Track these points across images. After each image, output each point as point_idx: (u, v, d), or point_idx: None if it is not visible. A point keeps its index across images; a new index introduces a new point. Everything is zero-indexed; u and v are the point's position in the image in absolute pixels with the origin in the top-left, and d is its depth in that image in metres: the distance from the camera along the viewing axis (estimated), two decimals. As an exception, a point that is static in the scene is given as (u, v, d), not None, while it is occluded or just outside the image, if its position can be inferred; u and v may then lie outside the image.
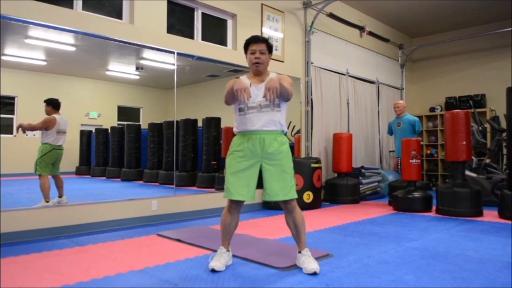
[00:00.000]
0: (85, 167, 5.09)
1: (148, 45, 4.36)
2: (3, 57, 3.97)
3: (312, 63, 6.26)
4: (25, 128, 3.99)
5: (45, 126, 3.98)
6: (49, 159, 3.98)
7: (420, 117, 8.31)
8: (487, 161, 5.96)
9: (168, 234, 3.55)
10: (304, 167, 5.24)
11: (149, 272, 2.45)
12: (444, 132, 5.34)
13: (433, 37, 8.93)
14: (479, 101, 8.08)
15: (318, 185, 5.37)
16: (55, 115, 4.03)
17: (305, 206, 5.12)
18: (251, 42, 2.55)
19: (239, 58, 5.24)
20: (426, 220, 4.39)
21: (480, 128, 6.42)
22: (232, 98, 2.44)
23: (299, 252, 2.53)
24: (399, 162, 6.07)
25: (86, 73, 5.00)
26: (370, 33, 7.60)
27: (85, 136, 5.03)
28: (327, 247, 3.09)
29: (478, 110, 7.53)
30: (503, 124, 6.53)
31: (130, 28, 4.22)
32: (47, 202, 3.81)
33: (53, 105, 4.06)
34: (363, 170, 6.54)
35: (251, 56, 2.54)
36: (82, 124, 4.93)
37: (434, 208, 5.13)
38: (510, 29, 7.10)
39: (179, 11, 4.97)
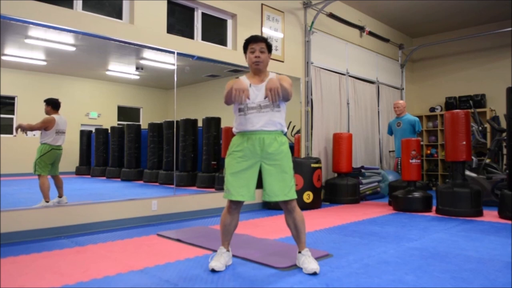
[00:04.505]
0: (85, 167, 5.09)
1: (148, 45, 4.36)
2: (3, 57, 3.97)
3: (312, 63, 6.26)
4: (24, 128, 3.99)
5: (44, 126, 3.98)
6: (48, 159, 3.98)
7: (420, 117, 8.31)
8: (487, 161, 5.96)
9: (168, 234, 3.55)
10: (304, 167, 5.24)
11: (149, 272, 2.45)
12: (444, 132, 5.34)
13: (433, 37, 8.93)
14: (479, 101, 8.08)
15: (318, 185, 5.37)
16: (54, 115, 4.03)
17: (305, 206, 5.12)
18: (250, 41, 2.55)
19: (239, 58, 5.24)
20: (426, 220, 4.39)
21: (480, 128, 6.42)
22: (231, 98, 2.44)
23: (299, 252, 2.53)
24: (399, 162, 6.07)
25: (86, 73, 5.00)
26: (370, 33, 7.60)
27: (85, 136, 5.03)
28: (327, 247, 3.09)
29: (478, 110, 7.53)
30: (503, 124, 6.53)
31: (130, 28, 4.22)
32: (47, 202, 3.81)
33: (53, 105, 4.06)
34: (363, 170, 6.54)
35: (250, 55, 2.54)
36: (82, 124, 4.93)
37: (434, 208, 5.13)
38: (510, 29, 7.10)
39: (179, 11, 4.97)
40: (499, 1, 6.99)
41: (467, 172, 5.55)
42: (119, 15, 4.30)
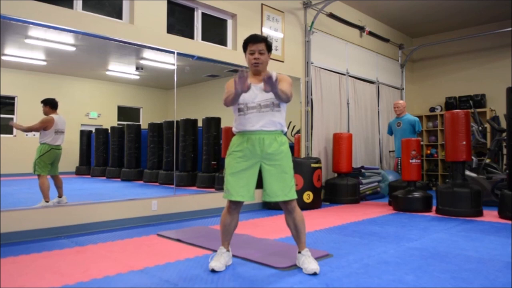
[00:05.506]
0: (85, 167, 5.09)
1: (148, 45, 4.36)
2: (3, 57, 3.97)
3: (312, 63, 6.26)
4: (17, 127, 4.01)
5: (43, 126, 3.98)
6: (48, 159, 3.98)
7: (420, 117, 8.31)
8: (487, 161, 5.96)
9: (168, 234, 3.55)
10: (304, 167, 5.24)
11: (149, 272, 2.45)
12: (444, 132, 5.34)
13: (433, 37, 8.93)
14: (479, 101, 8.08)
15: (318, 185, 5.37)
16: (53, 115, 4.03)
17: (305, 206, 5.12)
18: (249, 42, 2.54)
19: (239, 58, 5.23)
20: (426, 220, 4.39)
21: (480, 128, 6.42)
22: (231, 100, 2.42)
23: (299, 252, 2.53)
24: (399, 162, 6.07)
25: (86, 73, 5.00)
26: (370, 33, 7.60)
27: (85, 136, 5.03)
28: (327, 247, 3.09)
29: (478, 110, 7.53)
30: (503, 124, 6.53)
31: (130, 28, 4.22)
32: (47, 202, 3.81)
33: (50, 105, 4.06)
34: (363, 170, 6.54)
35: (250, 56, 2.54)
36: (82, 124, 4.93)
37: (434, 208, 5.13)
38: (510, 29, 7.10)
39: (179, 11, 4.97)
40: (499, 1, 6.99)
41: (467, 172, 5.55)
42: (119, 15, 4.30)
